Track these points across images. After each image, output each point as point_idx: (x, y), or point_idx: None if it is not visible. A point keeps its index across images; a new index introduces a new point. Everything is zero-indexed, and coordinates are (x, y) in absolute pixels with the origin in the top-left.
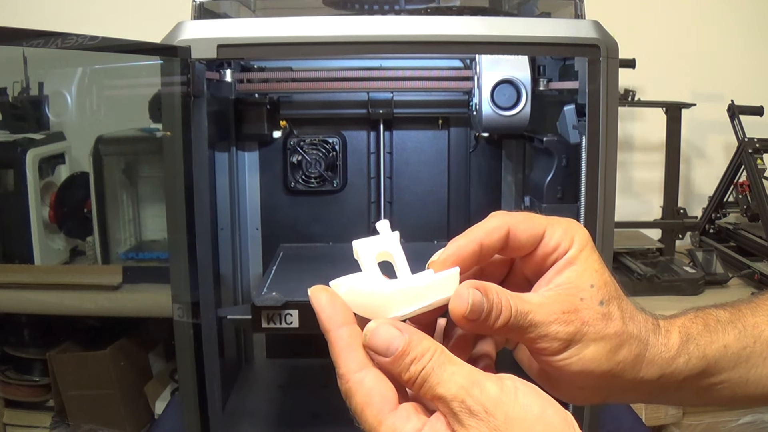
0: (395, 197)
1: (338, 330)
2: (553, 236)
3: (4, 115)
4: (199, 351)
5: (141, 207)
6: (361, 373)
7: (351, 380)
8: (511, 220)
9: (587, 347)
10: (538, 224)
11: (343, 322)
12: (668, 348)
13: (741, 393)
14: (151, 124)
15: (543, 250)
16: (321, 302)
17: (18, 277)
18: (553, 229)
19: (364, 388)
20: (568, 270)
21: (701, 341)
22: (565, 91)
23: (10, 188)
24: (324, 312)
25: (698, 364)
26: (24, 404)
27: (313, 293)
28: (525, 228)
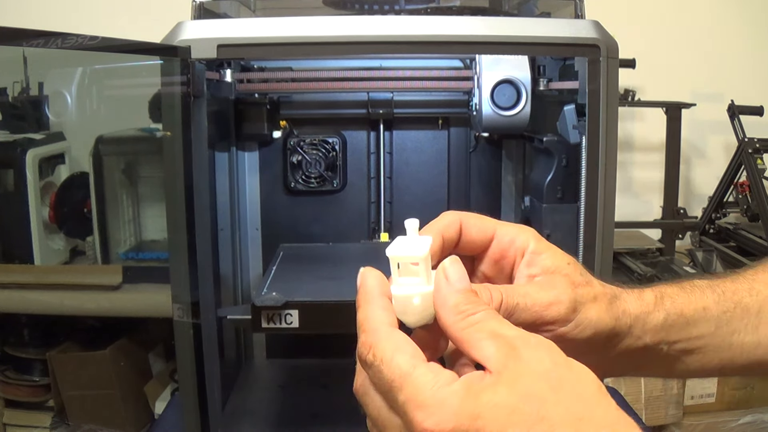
0: (395, 197)
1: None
2: (506, 234)
3: (4, 115)
4: (199, 351)
5: (141, 207)
6: (392, 328)
7: (382, 330)
8: (463, 217)
9: (590, 309)
10: (488, 223)
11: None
12: (645, 303)
13: (726, 359)
14: (151, 124)
15: (498, 247)
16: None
17: (18, 277)
18: (505, 229)
19: (396, 336)
20: (539, 259)
21: (677, 300)
22: (565, 91)
23: (10, 188)
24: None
25: (677, 321)
26: (24, 404)
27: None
28: (476, 225)
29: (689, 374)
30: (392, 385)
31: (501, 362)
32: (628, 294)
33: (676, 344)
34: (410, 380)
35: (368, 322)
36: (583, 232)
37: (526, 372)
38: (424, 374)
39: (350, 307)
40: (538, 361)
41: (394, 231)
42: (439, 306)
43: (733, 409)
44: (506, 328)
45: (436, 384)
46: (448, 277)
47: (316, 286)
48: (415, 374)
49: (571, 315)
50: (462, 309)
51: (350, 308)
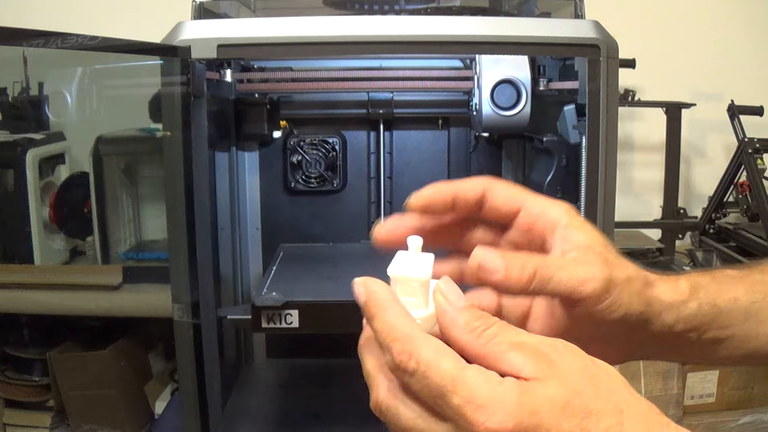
0: (395, 197)
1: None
2: (536, 206)
3: (4, 115)
4: (199, 351)
5: (141, 207)
6: (425, 333)
7: (417, 336)
8: (490, 183)
9: (623, 291)
10: (516, 193)
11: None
12: (679, 292)
13: (753, 349)
14: (151, 124)
15: (527, 218)
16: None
17: (18, 277)
18: (536, 200)
19: (433, 340)
20: (573, 234)
21: (710, 289)
22: (565, 91)
23: (10, 188)
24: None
25: (710, 312)
26: (24, 404)
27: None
28: (503, 193)
29: (715, 362)
30: (444, 389)
31: (536, 367)
32: (663, 281)
33: (705, 333)
34: (463, 382)
35: (396, 329)
36: None
37: (566, 371)
38: (475, 375)
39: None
40: (571, 361)
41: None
42: (449, 326)
43: (733, 409)
44: (525, 336)
45: (489, 383)
46: (447, 297)
47: (316, 286)
48: (467, 376)
49: (604, 294)
50: (474, 326)
51: (350, 308)
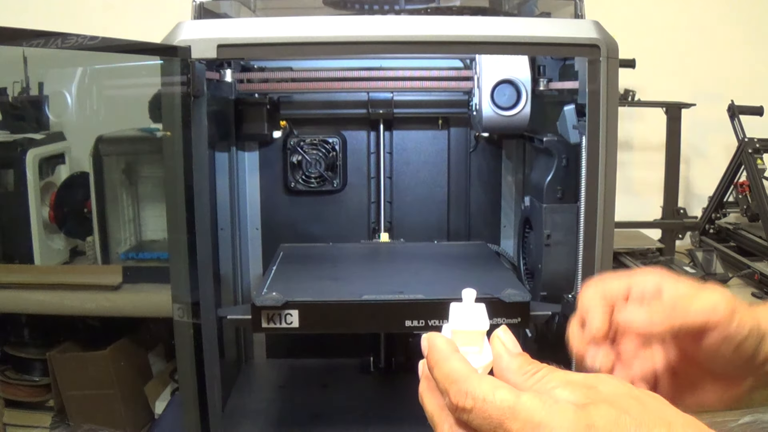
0: (395, 197)
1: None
2: (638, 282)
3: (4, 115)
4: (199, 351)
5: (141, 207)
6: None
7: (472, 376)
8: (604, 288)
9: (742, 310)
10: (620, 277)
11: None
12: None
13: None
14: (151, 124)
15: (637, 294)
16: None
17: (18, 277)
18: (637, 278)
19: (488, 377)
20: (677, 286)
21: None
22: (565, 91)
23: (10, 188)
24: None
25: None
26: (24, 404)
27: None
28: (614, 283)
29: None
30: (503, 418)
31: (585, 395)
32: (761, 305)
33: None
34: (520, 407)
35: (454, 373)
36: (583, 232)
37: (613, 395)
38: (530, 399)
39: (350, 307)
40: (616, 388)
41: (394, 231)
42: (504, 370)
43: (733, 409)
44: (572, 375)
45: (545, 404)
46: (505, 344)
47: (316, 286)
48: (523, 401)
49: (733, 316)
50: (526, 369)
51: (350, 308)
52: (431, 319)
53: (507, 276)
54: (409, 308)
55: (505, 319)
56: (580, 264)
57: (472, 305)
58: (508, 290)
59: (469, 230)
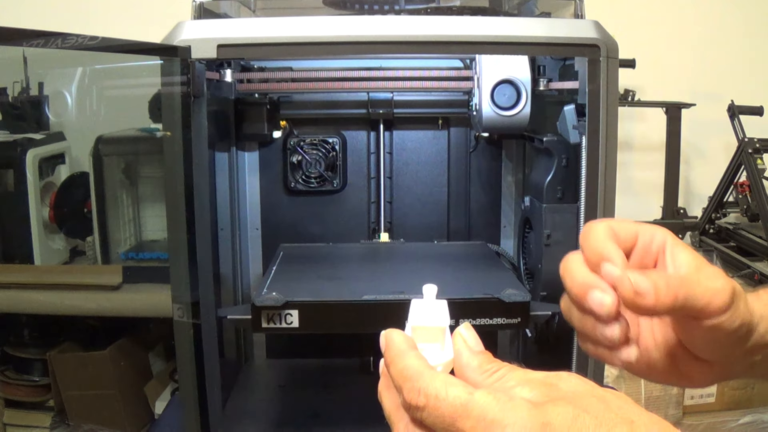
0: (395, 197)
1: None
2: (646, 233)
3: (4, 115)
4: (199, 351)
5: (141, 207)
6: (434, 370)
7: (425, 372)
8: (611, 223)
9: (741, 299)
10: (630, 224)
11: None
12: (764, 303)
13: None
14: (151, 124)
15: (642, 246)
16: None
17: (18, 277)
18: (644, 228)
19: (441, 374)
20: (681, 254)
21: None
22: (565, 91)
23: (10, 188)
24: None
25: None
26: (24, 404)
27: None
28: (623, 227)
29: None
30: (455, 416)
31: (544, 393)
32: (754, 295)
33: None
34: (473, 405)
35: (407, 370)
36: None
37: (573, 393)
38: (484, 396)
39: (350, 307)
40: (577, 386)
41: (394, 231)
42: (463, 368)
43: (733, 409)
44: (532, 374)
45: (499, 402)
46: (467, 341)
47: (316, 286)
48: (476, 398)
49: (731, 303)
50: (486, 368)
51: (350, 308)
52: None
53: (507, 276)
54: (408, 308)
55: (505, 319)
56: None
57: (432, 301)
58: (508, 290)
59: (469, 230)
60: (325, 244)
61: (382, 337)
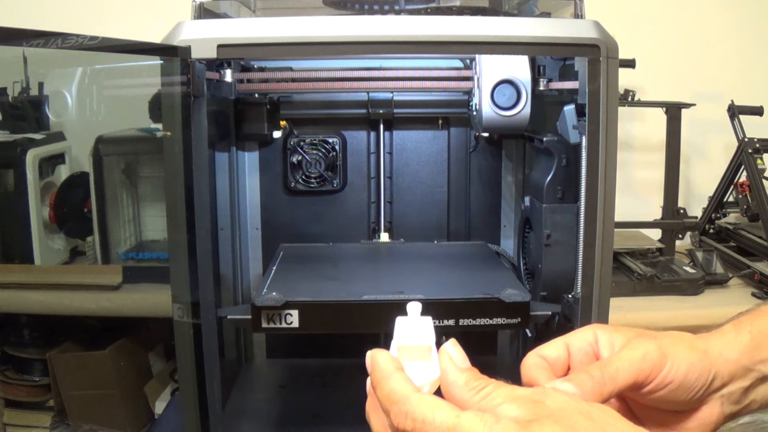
0: (395, 197)
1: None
2: (575, 340)
3: (4, 115)
4: (199, 351)
5: (141, 207)
6: (421, 392)
7: (411, 396)
8: (539, 354)
9: (676, 349)
10: (557, 341)
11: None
12: (725, 332)
13: None
14: (151, 124)
15: (579, 355)
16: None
17: (18, 277)
18: (571, 337)
19: (428, 397)
20: (612, 339)
21: (755, 322)
22: (565, 91)
23: (10, 188)
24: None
25: (763, 340)
26: (24, 404)
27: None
28: (550, 348)
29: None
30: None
31: (531, 411)
32: (709, 334)
33: None
34: (460, 428)
35: (394, 393)
36: (583, 232)
37: (559, 410)
38: (470, 418)
39: (350, 307)
40: (564, 403)
41: (394, 231)
42: (450, 385)
43: None
44: (519, 390)
45: (486, 424)
46: (453, 358)
47: (316, 286)
48: (463, 421)
49: (663, 359)
50: (472, 385)
51: (350, 308)
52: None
53: (507, 276)
54: None
55: (505, 319)
56: (580, 264)
57: (417, 319)
58: (508, 290)
59: (469, 230)
60: (325, 244)
61: (367, 357)
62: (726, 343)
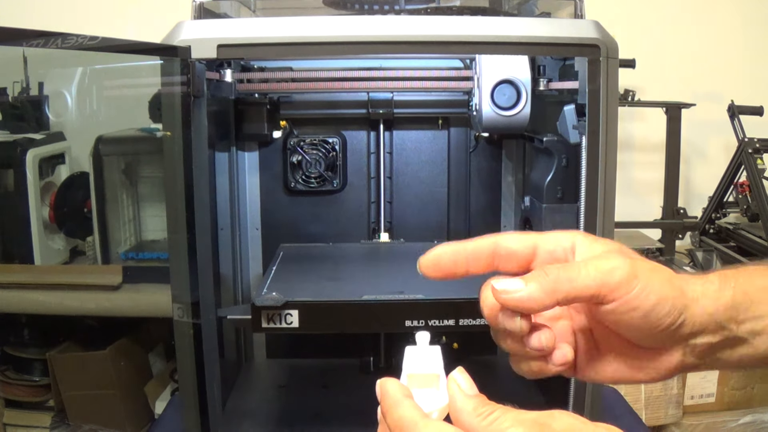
0: (395, 197)
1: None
2: (549, 239)
3: (4, 115)
4: (199, 351)
5: (141, 207)
6: (429, 418)
7: (420, 422)
8: (498, 236)
9: (651, 276)
10: (526, 235)
11: None
12: (709, 281)
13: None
14: (151, 124)
15: (545, 255)
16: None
17: (18, 277)
18: (547, 235)
19: (435, 422)
20: (591, 248)
21: (740, 279)
22: (565, 91)
23: (10, 188)
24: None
25: (743, 300)
26: (24, 404)
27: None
28: (513, 238)
29: (760, 362)
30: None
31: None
32: (690, 275)
33: (744, 324)
34: None
35: (402, 420)
36: None
37: (564, 431)
38: None
39: (350, 307)
40: (569, 424)
41: (394, 231)
42: (458, 412)
43: (733, 409)
44: (525, 414)
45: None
46: (461, 386)
47: (316, 286)
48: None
49: (633, 280)
50: (480, 411)
51: (350, 308)
52: (431, 319)
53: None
54: (409, 308)
55: None
56: None
57: (426, 348)
58: None
59: (469, 230)
60: (325, 244)
61: (378, 386)
62: (707, 293)
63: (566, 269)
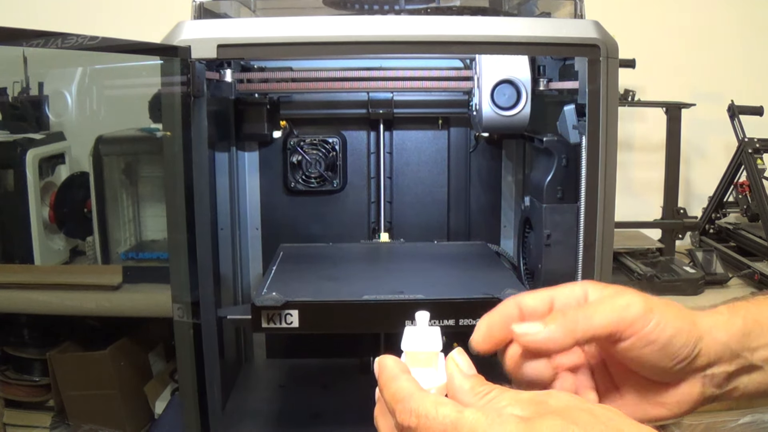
0: (395, 197)
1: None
2: (563, 292)
3: (4, 115)
4: (199, 351)
5: (141, 207)
6: (425, 390)
7: (415, 393)
8: (518, 297)
9: (664, 310)
10: (542, 292)
11: None
12: (719, 312)
13: None
14: (151, 124)
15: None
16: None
17: (18, 277)
18: (561, 289)
19: (431, 394)
20: (602, 291)
21: (750, 309)
22: (565, 91)
23: (10, 188)
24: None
25: (754, 328)
26: (24, 404)
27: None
28: (532, 296)
29: None
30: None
31: (534, 410)
32: (699, 310)
33: (758, 351)
34: (463, 423)
35: (399, 392)
36: (583, 232)
37: (562, 407)
38: (473, 413)
39: (350, 307)
40: (567, 401)
41: (394, 231)
42: (456, 391)
43: (733, 409)
44: (523, 394)
45: (488, 418)
46: (459, 365)
47: (316, 286)
48: (466, 416)
49: (649, 314)
50: (478, 390)
51: (350, 308)
52: (431, 319)
53: (507, 276)
54: (409, 308)
55: None
56: (580, 264)
57: (425, 328)
58: (508, 290)
59: (469, 230)
60: (325, 244)
61: (375, 363)
62: (717, 323)
63: (584, 309)
